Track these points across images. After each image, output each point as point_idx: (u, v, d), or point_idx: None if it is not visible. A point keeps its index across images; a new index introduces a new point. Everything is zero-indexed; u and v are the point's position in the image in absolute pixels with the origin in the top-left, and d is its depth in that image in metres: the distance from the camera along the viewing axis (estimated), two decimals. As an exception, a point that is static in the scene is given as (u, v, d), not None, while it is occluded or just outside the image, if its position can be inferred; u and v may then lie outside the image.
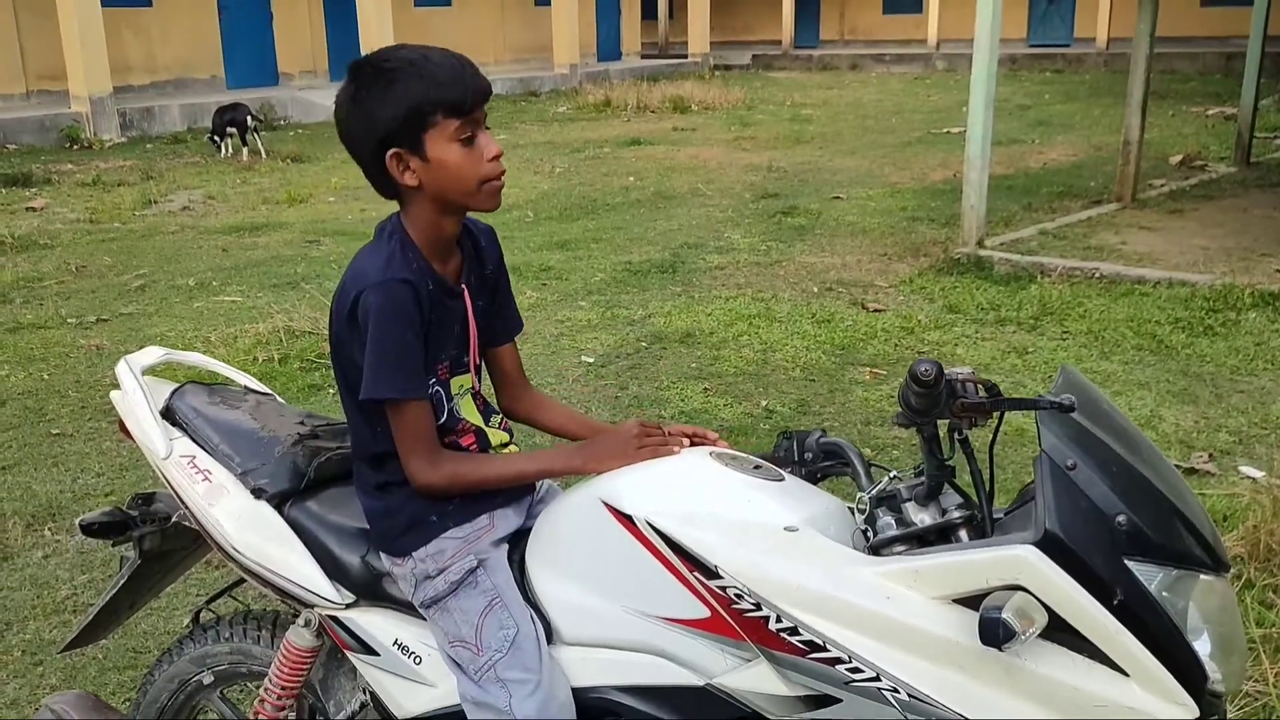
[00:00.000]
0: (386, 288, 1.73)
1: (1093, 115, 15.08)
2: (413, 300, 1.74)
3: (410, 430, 1.77)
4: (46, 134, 14.49)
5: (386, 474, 1.86)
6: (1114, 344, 5.67)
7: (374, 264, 1.77)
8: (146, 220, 9.74)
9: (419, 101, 1.72)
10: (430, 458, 1.78)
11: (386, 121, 1.73)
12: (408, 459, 1.77)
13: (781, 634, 1.55)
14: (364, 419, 1.85)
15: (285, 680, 2.00)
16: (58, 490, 4.29)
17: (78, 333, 6.35)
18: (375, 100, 1.74)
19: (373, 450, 1.86)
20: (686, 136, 14.74)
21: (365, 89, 1.75)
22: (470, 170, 1.77)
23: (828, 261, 7.66)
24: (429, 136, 1.74)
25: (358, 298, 1.73)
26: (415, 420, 1.77)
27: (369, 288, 1.73)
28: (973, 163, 7.26)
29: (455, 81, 1.73)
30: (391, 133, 1.74)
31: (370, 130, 1.75)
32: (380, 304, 1.72)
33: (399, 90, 1.72)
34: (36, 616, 3.42)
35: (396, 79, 1.72)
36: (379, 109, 1.74)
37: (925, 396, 1.52)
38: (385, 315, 1.72)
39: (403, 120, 1.73)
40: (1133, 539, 1.45)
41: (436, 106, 1.72)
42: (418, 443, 1.77)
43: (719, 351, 5.76)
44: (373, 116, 1.74)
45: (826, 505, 1.75)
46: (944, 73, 23.35)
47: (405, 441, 1.77)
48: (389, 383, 1.73)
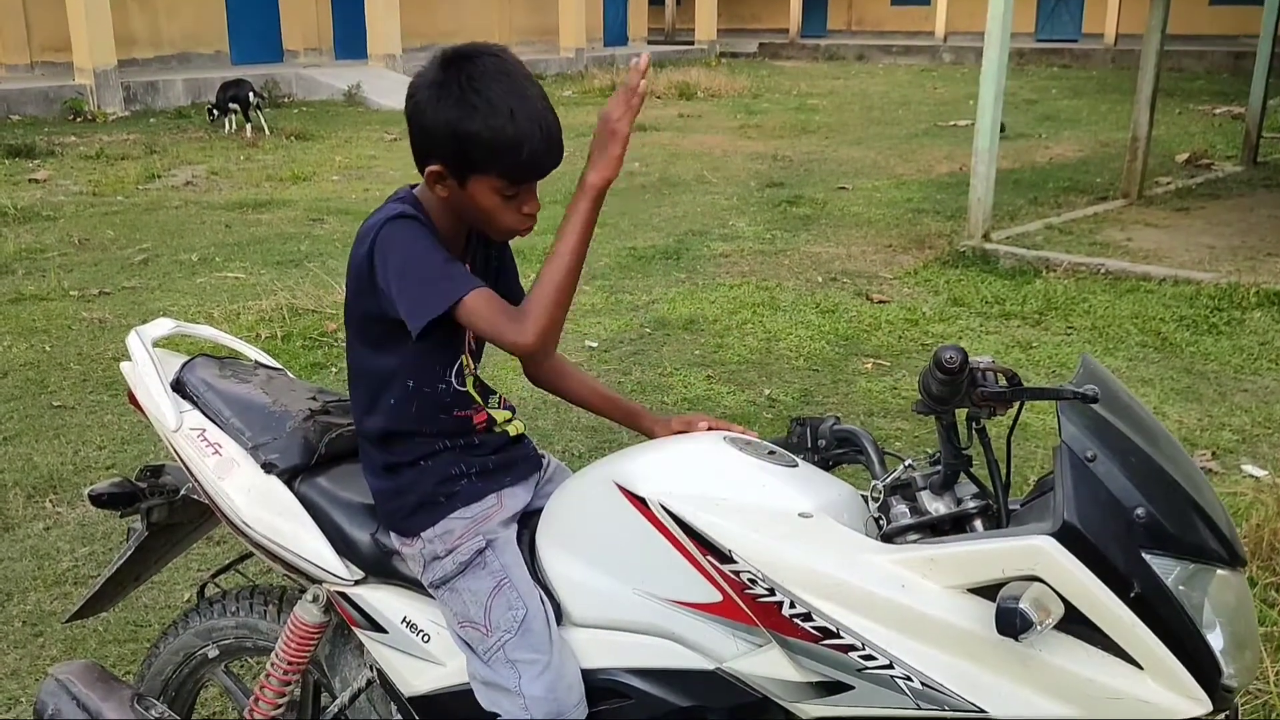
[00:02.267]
0: (396, 222, 1.69)
1: (1099, 111, 15.05)
2: (421, 228, 1.70)
3: (488, 316, 1.64)
4: (50, 106, 14.44)
5: (394, 454, 1.84)
6: (1118, 340, 5.66)
7: (385, 211, 1.74)
8: (149, 194, 9.71)
9: (483, 155, 1.66)
10: (518, 321, 1.64)
11: (443, 140, 1.67)
12: (500, 335, 1.64)
13: (794, 620, 1.54)
14: (372, 392, 1.83)
15: (292, 656, 1.99)
16: (59, 462, 4.28)
17: (80, 305, 6.33)
18: (445, 115, 1.65)
19: (379, 428, 1.84)
20: (692, 123, 14.70)
21: (444, 97, 1.66)
22: (500, 218, 1.75)
23: (832, 251, 7.65)
24: (476, 178, 1.70)
25: (374, 241, 1.69)
26: (483, 304, 1.65)
27: (382, 229, 1.69)
28: (981, 155, 7.24)
29: (531, 159, 1.67)
30: (442, 153, 1.69)
31: (426, 133, 1.70)
32: (394, 237, 1.68)
33: (472, 127, 1.64)
34: (37, 588, 3.42)
35: (476, 115, 1.64)
36: (444, 126, 1.66)
37: (948, 384, 1.51)
38: (402, 242, 1.67)
39: (458, 154, 1.67)
40: (1151, 532, 1.44)
41: (499, 165, 1.67)
42: (499, 318, 1.65)
43: (722, 339, 5.76)
44: (433, 128, 1.68)
45: (840, 492, 1.74)
46: (951, 65, 23.29)
47: (488, 327, 1.65)
48: (436, 295, 1.64)
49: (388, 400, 1.82)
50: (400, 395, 1.81)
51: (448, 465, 1.85)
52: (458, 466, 1.85)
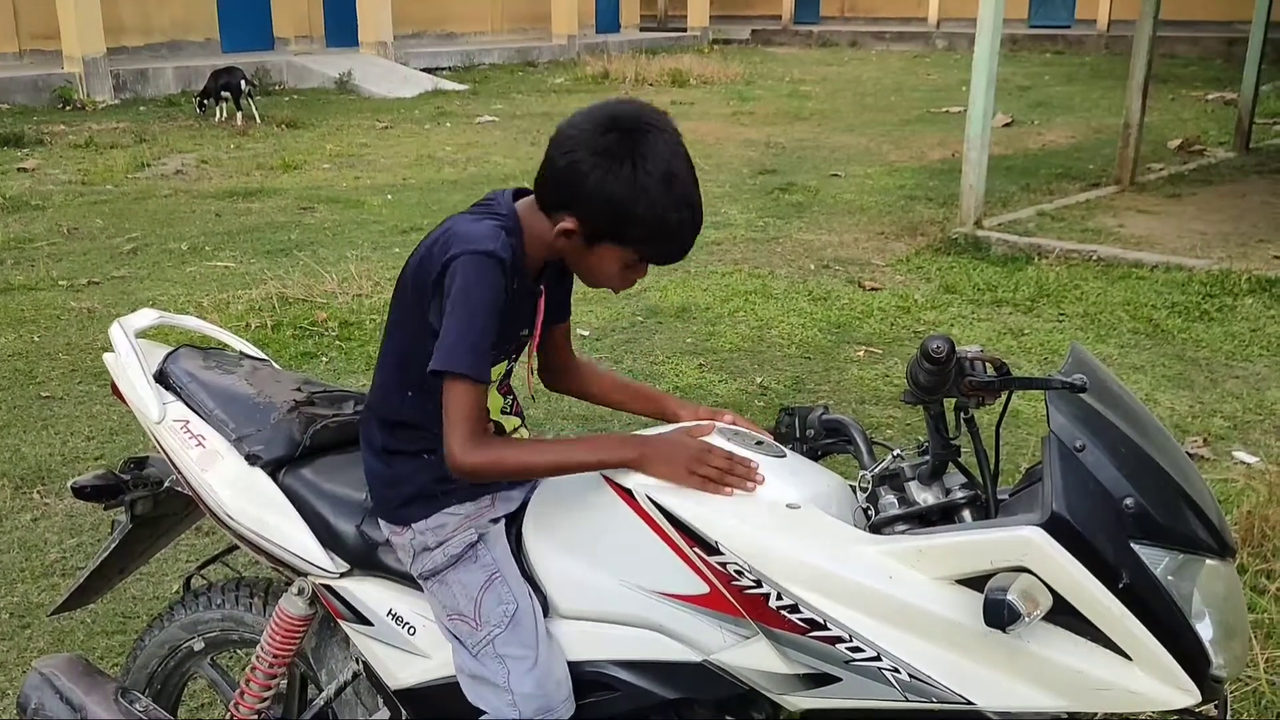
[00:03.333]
0: (485, 260, 1.64)
1: (1092, 97, 15.03)
2: (503, 282, 1.66)
3: (463, 409, 1.66)
4: (39, 94, 14.35)
5: (398, 441, 1.82)
6: (1110, 327, 5.66)
7: (478, 231, 1.67)
8: (139, 183, 9.65)
9: (633, 233, 1.66)
10: (475, 439, 1.66)
11: (597, 208, 1.65)
12: (451, 435, 1.66)
13: (781, 611, 1.53)
14: (396, 378, 1.80)
15: (277, 648, 1.98)
16: (47, 453, 4.26)
17: (69, 295, 6.29)
18: (609, 188, 1.63)
19: (393, 416, 1.81)
20: (685, 111, 14.64)
21: (612, 169, 1.62)
22: (606, 279, 1.75)
23: (825, 239, 7.63)
24: (610, 245, 1.69)
25: (453, 259, 1.65)
26: (473, 400, 1.66)
27: (468, 254, 1.64)
28: (973, 142, 7.22)
29: (679, 247, 1.69)
30: (588, 215, 1.66)
31: (575, 192, 1.65)
32: (475, 276, 1.64)
33: (635, 209, 1.63)
34: (25, 579, 3.40)
35: (642, 198, 1.62)
36: (603, 198, 1.63)
37: (935, 374, 1.49)
38: (476, 289, 1.64)
39: (607, 223, 1.66)
40: (1140, 522, 1.43)
41: (642, 247, 1.68)
42: (468, 422, 1.66)
43: (714, 327, 5.74)
44: (590, 194, 1.64)
45: (828, 483, 1.73)
46: (944, 51, 23.24)
47: (455, 418, 1.66)
48: (465, 360, 1.64)
49: (406, 393, 1.79)
50: (421, 392, 1.76)
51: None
52: None
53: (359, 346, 5.42)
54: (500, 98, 15.91)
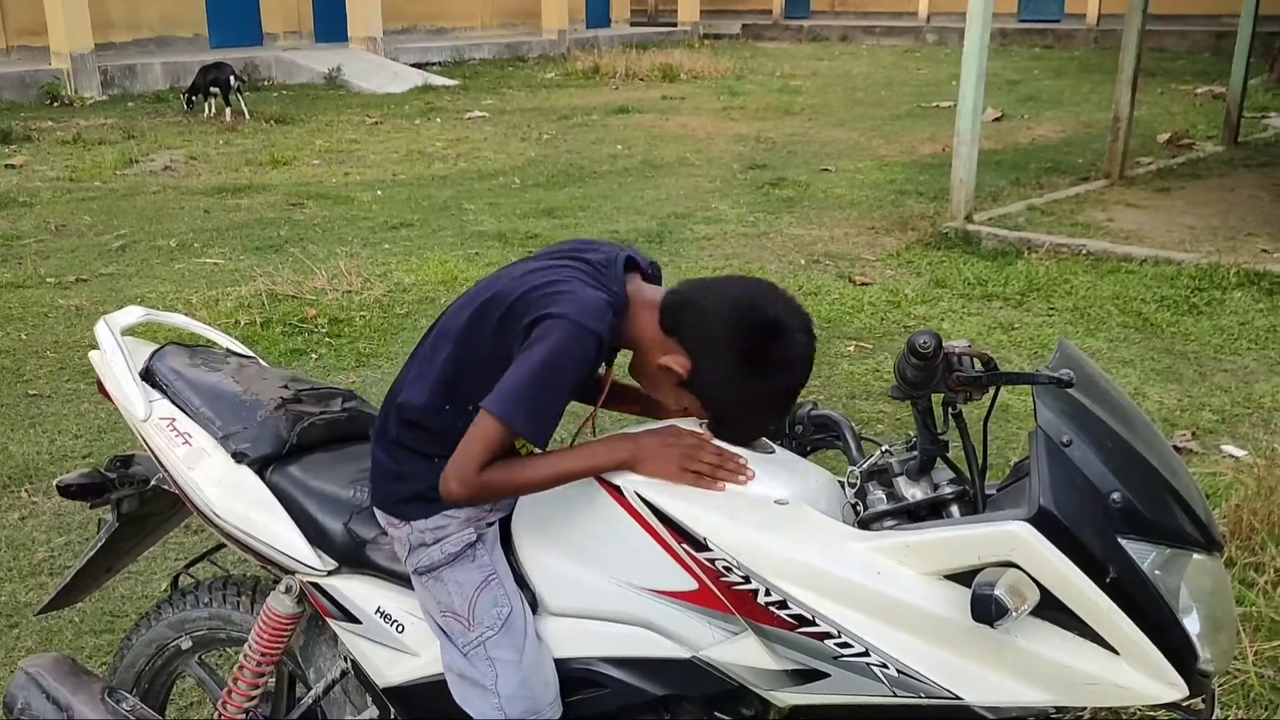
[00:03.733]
0: (587, 336, 1.62)
1: (1082, 92, 15.05)
2: (594, 361, 1.65)
3: (486, 447, 1.63)
4: (26, 90, 14.27)
5: (413, 439, 1.79)
6: (1099, 321, 5.67)
7: (592, 302, 1.64)
8: (127, 180, 9.61)
9: (725, 408, 1.70)
10: (475, 475, 1.64)
11: (715, 376, 1.66)
12: (460, 462, 1.63)
13: (770, 607, 1.53)
14: (435, 387, 1.75)
15: (265, 647, 1.97)
16: (35, 451, 4.24)
17: (56, 292, 6.27)
18: (733, 372, 1.65)
19: (419, 417, 1.77)
20: (675, 105, 14.63)
21: (743, 365, 1.64)
22: (662, 399, 1.78)
23: (815, 234, 7.63)
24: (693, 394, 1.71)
25: (553, 318, 1.61)
26: (498, 444, 1.63)
27: (573, 322, 1.61)
28: (963, 136, 7.22)
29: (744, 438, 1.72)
30: (699, 368, 1.67)
31: (703, 339, 1.66)
32: (570, 346, 1.61)
33: (747, 395, 1.66)
34: (13, 578, 3.39)
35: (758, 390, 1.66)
36: (725, 376, 1.65)
37: (922, 369, 1.49)
38: (564, 358, 1.61)
39: (708, 385, 1.68)
40: (1127, 517, 1.44)
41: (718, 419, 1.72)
42: (477, 460, 1.63)
43: (705, 322, 5.73)
44: (715, 367, 1.66)
45: (817, 479, 1.73)
46: (934, 46, 23.25)
47: (472, 451, 1.63)
48: (524, 416, 1.61)
49: (445, 404, 1.75)
50: (459, 410, 1.73)
51: None
52: None
53: (348, 343, 5.41)
54: (490, 93, 15.87)
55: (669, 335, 1.69)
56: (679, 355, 1.67)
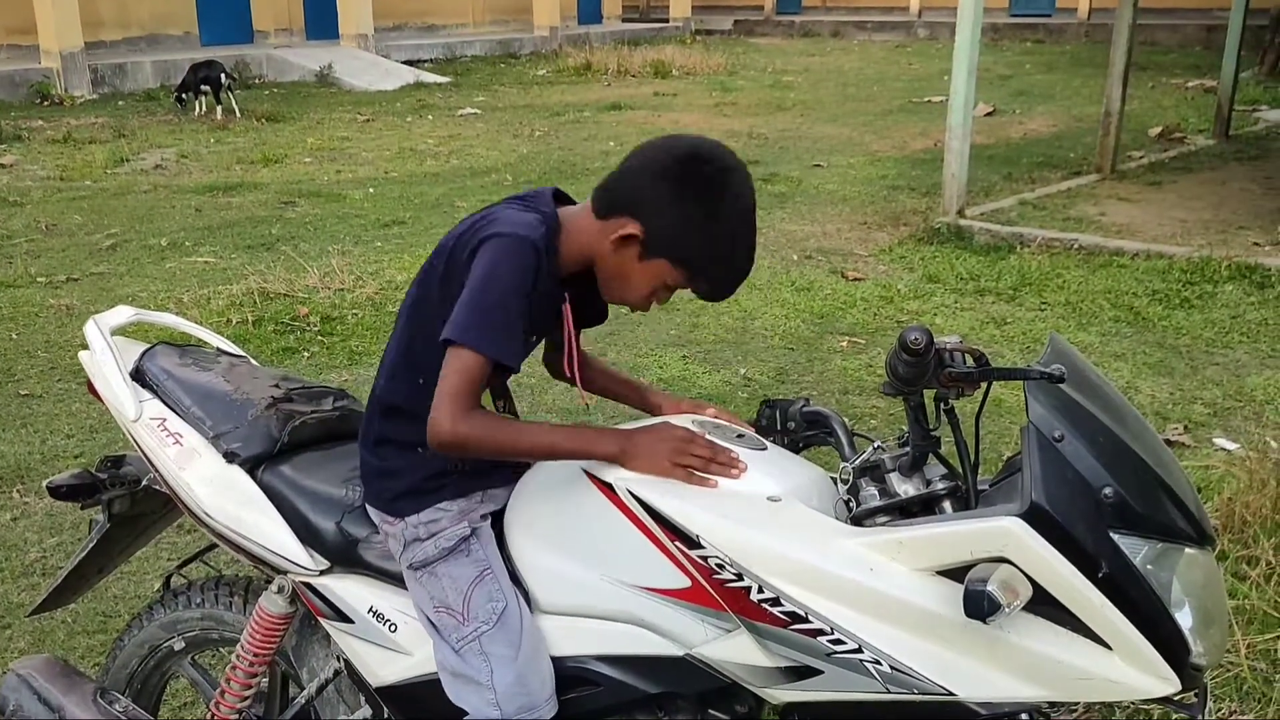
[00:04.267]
0: (517, 240, 1.64)
1: (1073, 86, 15.06)
2: (534, 264, 1.65)
3: (460, 380, 1.62)
4: (16, 89, 14.21)
5: (392, 430, 1.80)
6: (1091, 315, 5.68)
7: (521, 219, 1.68)
8: (118, 179, 9.58)
9: (694, 258, 1.70)
10: (465, 409, 1.62)
11: (666, 224, 1.67)
12: (440, 403, 1.62)
13: (763, 605, 1.53)
14: (405, 365, 1.77)
15: (258, 647, 1.97)
16: (26, 451, 4.23)
17: (47, 292, 6.24)
18: (685, 211, 1.66)
19: (395, 400, 1.79)
20: (667, 102, 14.63)
21: (691, 198, 1.66)
22: (637, 295, 1.77)
23: (808, 229, 7.63)
24: (658, 260, 1.70)
25: (489, 238, 1.65)
26: (473, 374, 1.62)
27: (505, 235, 1.65)
28: (954, 131, 7.23)
29: (727, 282, 1.74)
30: (655, 229, 1.68)
31: (649, 199, 1.68)
32: (506, 256, 1.63)
33: (704, 235, 1.67)
34: (5, 579, 3.38)
35: (713, 228, 1.67)
36: (678, 219, 1.67)
37: (914, 365, 1.49)
38: (504, 268, 1.63)
39: (672, 242, 1.68)
40: (1119, 512, 1.43)
41: (694, 272, 1.71)
42: (460, 393, 1.62)
43: (698, 318, 5.74)
44: (664, 213, 1.67)
45: (809, 475, 1.73)
46: (925, 41, 23.25)
47: (448, 388, 1.62)
48: (476, 333, 1.61)
49: (417, 379, 1.75)
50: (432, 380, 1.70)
51: (441, 459, 1.78)
52: (451, 463, 1.81)
53: (340, 341, 5.40)
54: (482, 90, 15.85)
55: (609, 217, 1.71)
56: (626, 222, 1.69)
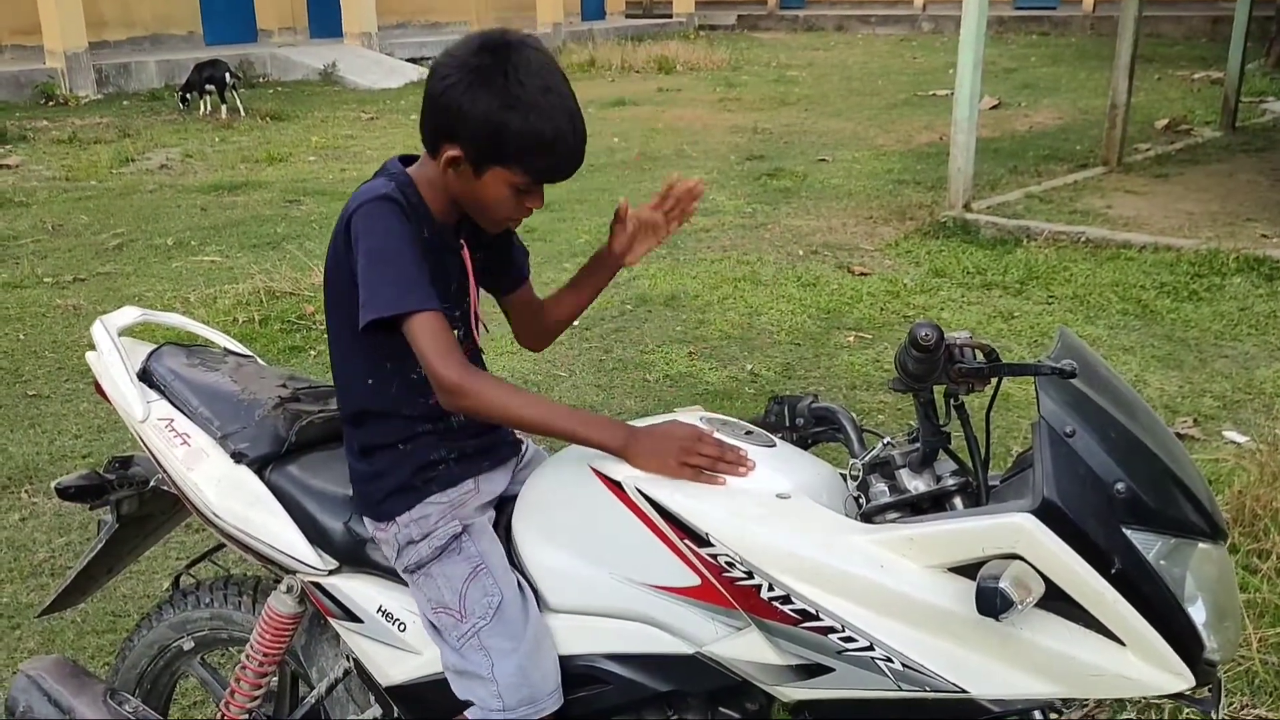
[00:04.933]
0: (376, 203, 1.66)
1: (1079, 79, 15.02)
2: (403, 220, 1.66)
3: (431, 341, 1.62)
4: (21, 90, 14.23)
5: (372, 435, 1.81)
6: (1099, 308, 5.66)
7: (367, 188, 1.71)
8: (123, 178, 9.59)
9: (516, 150, 1.64)
10: (460, 363, 1.63)
11: (474, 128, 1.64)
12: (435, 367, 1.62)
13: (773, 602, 1.52)
14: (351, 370, 1.79)
15: (267, 647, 1.96)
16: (34, 452, 4.23)
17: (54, 292, 6.25)
18: (484, 104, 1.62)
19: (358, 408, 1.81)
20: (671, 97, 14.61)
21: (485, 85, 1.62)
22: (501, 210, 1.74)
23: (813, 224, 7.61)
24: (490, 169, 1.68)
25: (352, 215, 1.67)
26: (435, 329, 1.63)
27: (364, 204, 1.66)
28: (960, 125, 7.21)
29: (563, 160, 1.68)
30: (468, 139, 1.66)
31: (452, 116, 1.65)
32: (372, 219, 1.65)
33: (512, 122, 1.62)
34: (14, 580, 3.38)
35: (517, 110, 1.62)
36: (479, 115, 1.63)
37: (924, 361, 1.48)
38: (378, 228, 1.65)
39: (488, 144, 1.65)
40: (1131, 507, 1.42)
41: (525, 165, 1.66)
42: (443, 349, 1.63)
43: (704, 315, 5.73)
44: (466, 114, 1.64)
45: (819, 472, 1.72)
46: (930, 34, 23.19)
47: (430, 352, 1.62)
48: (391, 297, 1.62)
49: (366, 380, 1.78)
50: (379, 376, 1.78)
51: (427, 450, 1.81)
52: (437, 451, 1.82)
53: (347, 340, 5.39)
54: (486, 87, 15.82)
55: (437, 150, 1.70)
56: (446, 147, 1.68)
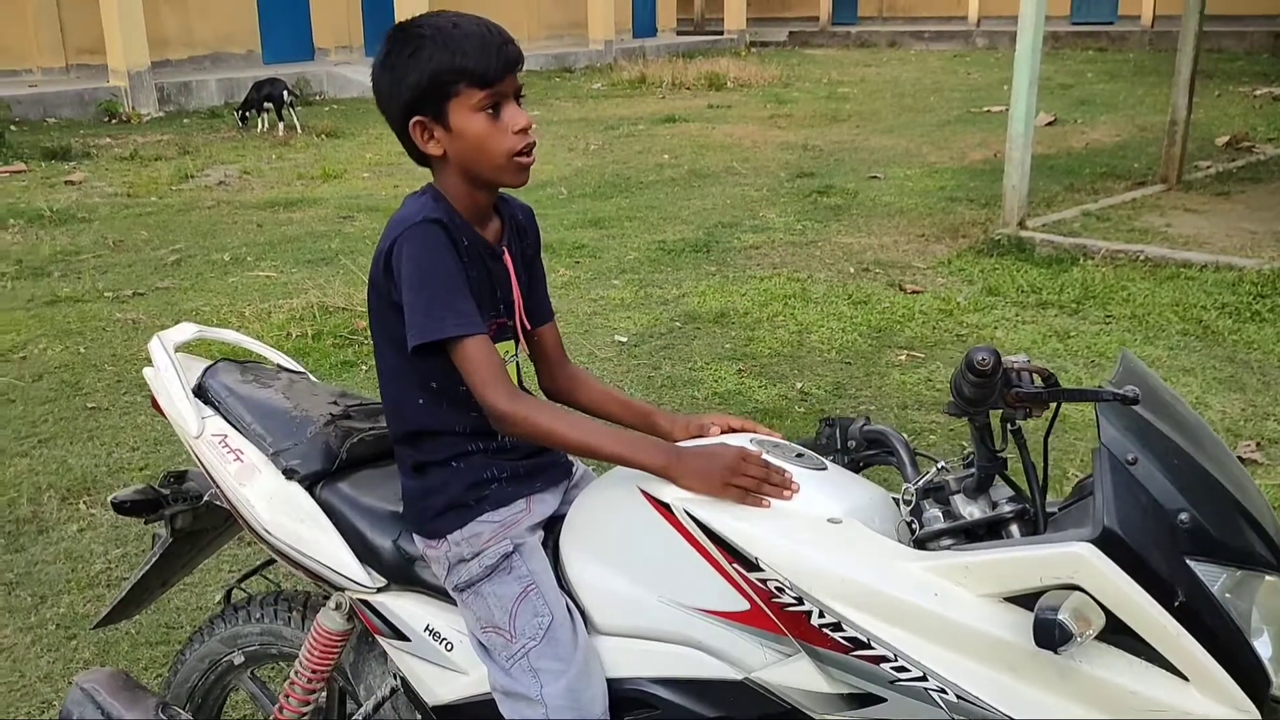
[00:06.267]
0: (420, 228, 1.69)
1: (1136, 95, 14.80)
2: (447, 239, 1.70)
3: (478, 366, 1.67)
4: (85, 108, 14.58)
5: (423, 453, 1.82)
6: (1158, 329, 5.55)
7: (407, 211, 1.74)
8: (183, 195, 9.77)
9: (442, 68, 1.69)
10: (508, 389, 1.69)
11: (411, 88, 1.71)
12: (483, 392, 1.67)
13: (824, 629, 1.49)
14: (400, 390, 1.80)
15: (315, 664, 1.97)
16: (93, 464, 4.30)
17: (114, 306, 6.37)
18: (402, 66, 1.72)
19: (409, 428, 1.82)
20: (721, 114, 14.61)
21: (395, 54, 1.73)
22: (494, 142, 1.73)
23: (864, 242, 7.56)
24: (452, 106, 1.71)
25: (392, 246, 1.71)
26: (480, 355, 1.68)
27: (403, 233, 1.70)
28: (1015, 141, 7.13)
29: (481, 50, 1.70)
30: (416, 99, 1.72)
31: (396, 95, 1.73)
32: (415, 244, 1.68)
33: (424, 56, 1.70)
34: (70, 590, 3.43)
35: (423, 45, 1.70)
36: (405, 75, 1.71)
37: (981, 386, 1.45)
38: (422, 254, 1.68)
39: (426, 87, 1.70)
40: (1195, 537, 1.39)
41: (460, 75, 1.69)
42: (490, 376, 1.68)
43: (753, 332, 5.70)
44: (399, 83, 1.72)
45: (871, 496, 1.69)
46: (984, 50, 23.02)
47: (477, 377, 1.67)
48: (438, 322, 1.66)
49: (415, 399, 1.79)
50: (429, 394, 1.78)
51: (479, 468, 1.82)
52: (489, 470, 1.82)
53: (398, 355, 5.43)
54: (537, 104, 15.95)
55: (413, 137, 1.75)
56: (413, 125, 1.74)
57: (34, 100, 14.35)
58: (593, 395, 2.04)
